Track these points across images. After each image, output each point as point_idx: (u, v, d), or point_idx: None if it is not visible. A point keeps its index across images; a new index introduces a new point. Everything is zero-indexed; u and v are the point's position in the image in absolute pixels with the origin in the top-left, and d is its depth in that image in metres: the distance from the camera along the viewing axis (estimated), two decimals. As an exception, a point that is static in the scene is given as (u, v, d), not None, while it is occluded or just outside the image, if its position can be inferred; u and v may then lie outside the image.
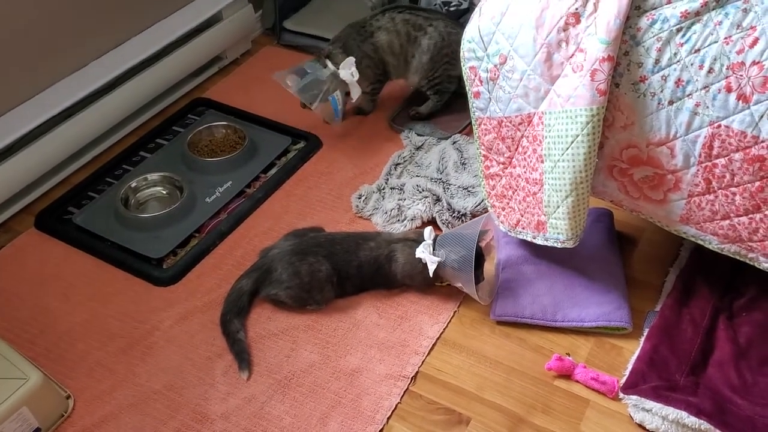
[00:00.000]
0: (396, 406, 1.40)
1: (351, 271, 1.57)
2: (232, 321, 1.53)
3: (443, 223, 1.73)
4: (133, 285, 1.67)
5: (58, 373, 1.48)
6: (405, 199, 1.79)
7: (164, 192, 1.91)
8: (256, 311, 1.59)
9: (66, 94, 1.91)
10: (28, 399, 1.31)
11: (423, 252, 1.52)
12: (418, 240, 1.55)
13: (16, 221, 1.86)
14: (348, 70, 1.90)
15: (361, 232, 1.67)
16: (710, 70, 1.20)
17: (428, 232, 1.55)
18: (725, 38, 1.19)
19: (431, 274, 1.51)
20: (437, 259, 1.50)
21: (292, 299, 1.56)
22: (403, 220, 1.76)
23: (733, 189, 1.25)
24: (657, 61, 1.24)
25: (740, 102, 1.19)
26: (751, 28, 1.17)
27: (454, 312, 1.57)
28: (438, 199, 1.78)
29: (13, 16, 1.77)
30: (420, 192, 1.79)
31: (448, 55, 1.96)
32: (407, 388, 1.43)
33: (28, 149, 1.82)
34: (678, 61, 1.23)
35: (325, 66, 1.91)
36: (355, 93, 1.97)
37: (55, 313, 1.61)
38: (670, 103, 1.25)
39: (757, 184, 1.22)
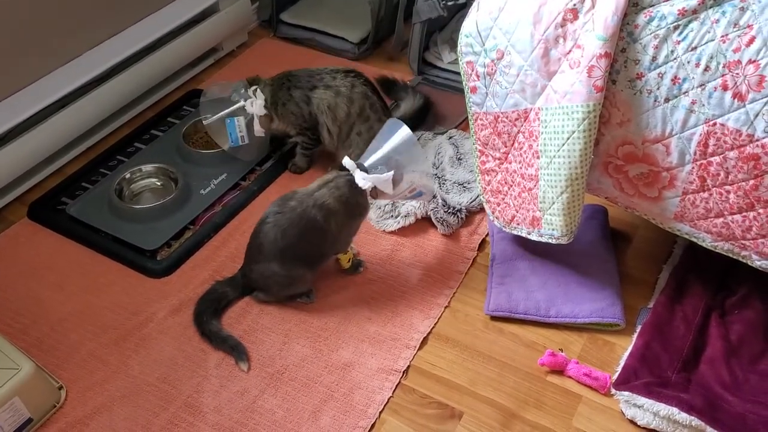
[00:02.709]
0: (388, 400, 1.40)
1: (280, 244, 1.48)
2: (210, 321, 1.52)
3: (438, 221, 1.73)
4: (126, 276, 1.66)
5: (50, 363, 1.47)
6: (400, 194, 1.79)
7: (159, 183, 1.90)
8: (248, 305, 1.59)
9: (61, 84, 1.90)
10: (20, 389, 1.31)
11: (365, 178, 1.42)
12: (336, 179, 1.46)
13: (9, 211, 1.85)
14: (254, 105, 1.81)
15: (280, 199, 1.53)
16: (706, 68, 1.20)
17: (347, 161, 1.45)
18: (722, 36, 1.19)
19: (391, 190, 1.44)
20: (388, 171, 1.42)
21: (282, 300, 1.59)
22: (396, 216, 1.75)
23: (727, 187, 1.26)
24: (654, 59, 1.24)
25: (736, 100, 1.19)
26: (748, 26, 1.17)
27: (445, 307, 1.57)
28: (433, 196, 1.77)
29: (7, 4, 1.75)
30: (415, 187, 1.79)
31: None
32: (399, 382, 1.43)
33: (22, 139, 1.81)
34: (675, 59, 1.23)
35: (245, 90, 1.83)
36: (257, 130, 1.86)
37: (47, 304, 1.60)
38: (666, 100, 1.25)
39: (752, 182, 1.23)
